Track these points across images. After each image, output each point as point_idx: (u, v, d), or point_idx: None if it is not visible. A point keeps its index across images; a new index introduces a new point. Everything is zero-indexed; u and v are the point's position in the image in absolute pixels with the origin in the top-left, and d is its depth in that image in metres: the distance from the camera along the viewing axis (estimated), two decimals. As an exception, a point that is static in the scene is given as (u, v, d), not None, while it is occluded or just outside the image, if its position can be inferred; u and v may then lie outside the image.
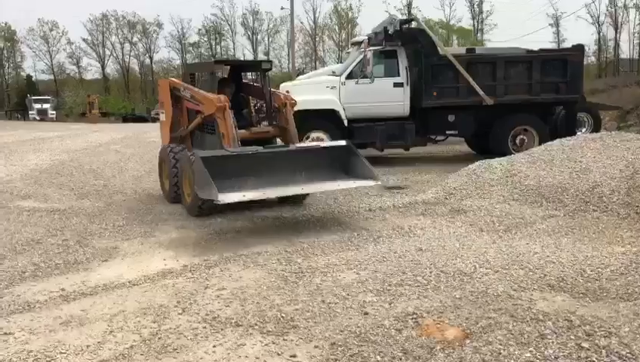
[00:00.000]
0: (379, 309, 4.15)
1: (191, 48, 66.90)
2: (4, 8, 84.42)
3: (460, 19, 63.86)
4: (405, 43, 12.29)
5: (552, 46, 50.32)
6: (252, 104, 8.95)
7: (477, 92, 11.99)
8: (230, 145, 7.01)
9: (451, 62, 11.96)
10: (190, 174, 7.22)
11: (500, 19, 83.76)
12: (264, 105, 8.41)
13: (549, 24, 58.94)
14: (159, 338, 3.75)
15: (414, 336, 3.67)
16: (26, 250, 5.93)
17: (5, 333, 3.87)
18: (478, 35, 61.60)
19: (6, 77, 64.93)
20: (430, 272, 4.91)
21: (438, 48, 12.34)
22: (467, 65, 12.12)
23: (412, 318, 3.95)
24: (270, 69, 8.73)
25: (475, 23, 63.58)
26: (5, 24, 62.79)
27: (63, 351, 3.59)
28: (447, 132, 12.87)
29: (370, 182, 7.14)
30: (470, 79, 11.94)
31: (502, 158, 9.03)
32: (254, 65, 9.33)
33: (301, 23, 63.48)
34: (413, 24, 13.43)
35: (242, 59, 54.06)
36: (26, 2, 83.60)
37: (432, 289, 4.53)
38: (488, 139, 12.64)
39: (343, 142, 7.59)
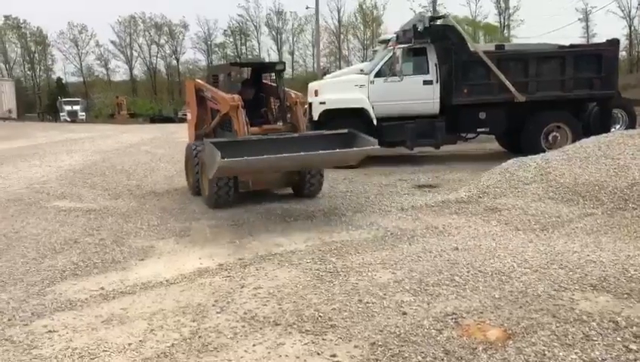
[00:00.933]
0: (417, 309, 4.11)
1: (217, 49, 67.53)
2: (36, 12, 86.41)
3: (486, 15, 63.21)
4: (435, 40, 12.18)
5: (581, 41, 49.37)
6: (274, 103, 9.11)
7: (508, 89, 11.83)
8: None
9: (482, 58, 11.81)
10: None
11: (527, 14, 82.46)
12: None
13: (578, 19, 57.92)
14: (199, 337, 3.78)
15: (455, 337, 3.62)
16: (65, 249, 6.05)
17: (50, 331, 3.95)
18: (505, 31, 60.79)
19: (38, 80, 66.31)
20: (467, 272, 4.85)
21: (469, 45, 12.20)
22: (498, 61, 11.96)
23: (452, 318, 3.90)
24: (283, 70, 8.98)
25: (502, 19, 62.81)
26: (37, 28, 64.28)
27: (105, 349, 3.64)
28: (478, 129, 12.71)
29: (369, 148, 7.23)
30: (501, 76, 11.78)
31: (536, 156, 8.89)
32: (269, 67, 9.62)
33: (325, 22, 63.56)
34: (441, 21, 13.30)
35: (267, 60, 54.35)
36: (56, 6, 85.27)
37: (471, 289, 4.48)
38: (520, 136, 12.45)
39: (345, 130, 7.73)
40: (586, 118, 12.92)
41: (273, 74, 9.14)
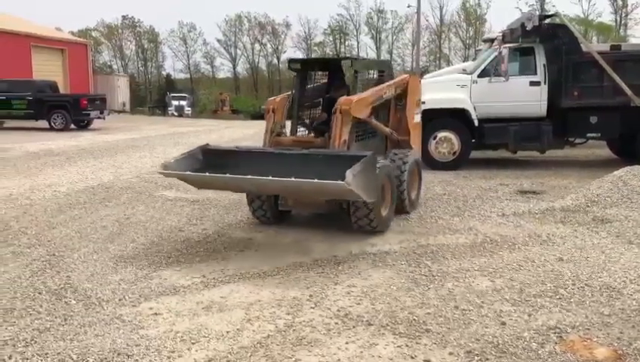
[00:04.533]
0: (517, 320, 3.95)
1: (316, 48, 68.34)
2: (149, 12, 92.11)
3: (599, 13, 59.10)
4: (544, 39, 11.58)
5: None
6: None
7: (624, 92, 11.02)
8: None
9: (595, 59, 11.10)
10: None
11: (648, 12, 76.23)
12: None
13: None
14: (294, 330, 3.85)
15: (558, 352, 3.45)
16: (171, 237, 6.38)
17: (155, 313, 4.19)
18: (621, 30, 56.72)
19: (149, 75, 70.44)
20: (573, 285, 4.60)
21: (582, 45, 11.50)
22: (613, 62, 11.17)
23: (555, 333, 3.72)
24: (352, 67, 7.77)
25: (617, 18, 58.62)
26: (150, 27, 68.25)
27: (205, 335, 3.81)
28: (588, 135, 11.92)
29: (338, 183, 5.01)
30: (617, 78, 11.00)
31: (653, 165, 8.24)
32: (334, 63, 8.29)
33: (427, 20, 62.30)
34: (551, 19, 12.63)
35: (366, 56, 54.15)
36: (168, 6, 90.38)
37: (576, 303, 4.24)
38: (635, 143, 11.56)
39: (365, 153, 5.91)
40: None
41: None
